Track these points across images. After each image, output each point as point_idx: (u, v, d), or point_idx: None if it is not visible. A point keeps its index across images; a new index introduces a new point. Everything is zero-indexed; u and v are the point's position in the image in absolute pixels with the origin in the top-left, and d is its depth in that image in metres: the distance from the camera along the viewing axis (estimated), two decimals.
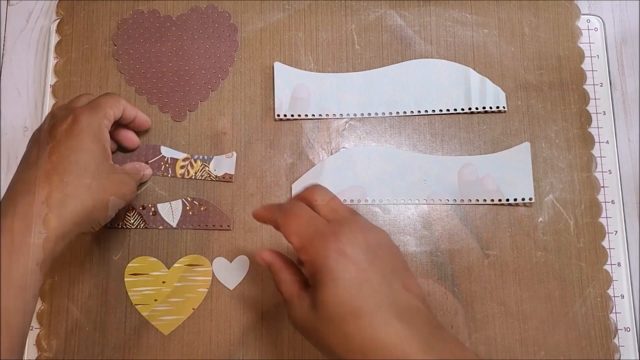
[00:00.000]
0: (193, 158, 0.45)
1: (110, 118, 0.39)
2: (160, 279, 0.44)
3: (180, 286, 0.44)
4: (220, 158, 0.46)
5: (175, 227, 0.45)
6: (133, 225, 0.44)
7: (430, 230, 0.46)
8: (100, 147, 0.37)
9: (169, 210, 0.45)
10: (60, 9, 0.50)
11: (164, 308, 0.44)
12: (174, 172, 0.45)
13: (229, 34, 0.49)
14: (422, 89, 0.48)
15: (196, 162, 0.45)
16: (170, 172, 0.45)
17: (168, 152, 0.46)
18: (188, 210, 0.44)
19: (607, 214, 0.46)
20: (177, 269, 0.44)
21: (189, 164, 0.45)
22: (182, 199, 0.44)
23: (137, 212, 0.44)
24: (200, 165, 0.45)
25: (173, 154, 0.46)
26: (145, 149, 0.46)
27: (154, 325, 0.43)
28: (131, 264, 0.44)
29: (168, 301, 0.44)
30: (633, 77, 0.49)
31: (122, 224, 0.44)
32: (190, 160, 0.45)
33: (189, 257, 0.45)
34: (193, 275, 0.44)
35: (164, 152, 0.46)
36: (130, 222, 0.44)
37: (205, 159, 0.45)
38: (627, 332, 0.44)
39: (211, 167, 0.45)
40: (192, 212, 0.45)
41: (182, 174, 0.45)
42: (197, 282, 0.44)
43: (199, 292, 0.44)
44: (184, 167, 0.45)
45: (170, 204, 0.44)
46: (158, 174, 0.45)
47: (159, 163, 0.45)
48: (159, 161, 0.45)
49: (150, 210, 0.45)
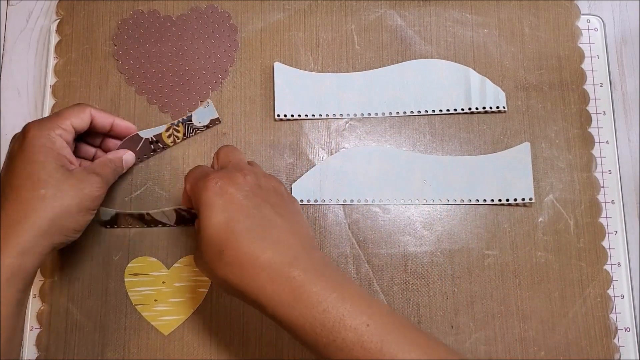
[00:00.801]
0: (174, 125, 0.46)
1: (65, 127, 0.38)
2: (160, 279, 0.44)
3: (180, 286, 0.44)
4: (198, 110, 0.46)
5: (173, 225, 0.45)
6: (130, 226, 0.45)
7: (430, 230, 0.46)
8: (49, 156, 0.37)
9: (162, 217, 0.44)
10: (60, 9, 0.50)
11: (164, 308, 0.44)
12: (164, 144, 0.46)
13: (229, 34, 0.49)
14: (422, 89, 0.48)
15: (179, 126, 0.46)
16: (160, 146, 0.46)
17: (147, 132, 0.45)
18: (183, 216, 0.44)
19: (607, 214, 0.46)
20: (177, 269, 0.44)
21: (173, 130, 0.46)
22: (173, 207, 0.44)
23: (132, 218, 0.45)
24: (184, 126, 0.46)
25: (154, 131, 0.45)
26: (128, 142, 0.44)
27: (154, 325, 0.43)
28: (131, 264, 0.44)
29: (168, 301, 0.44)
30: (633, 77, 0.49)
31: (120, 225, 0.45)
32: (172, 128, 0.46)
33: (189, 257, 0.45)
34: (193, 275, 0.44)
35: (144, 135, 0.45)
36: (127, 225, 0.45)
37: (186, 119, 0.46)
38: (627, 332, 0.44)
39: (195, 122, 0.46)
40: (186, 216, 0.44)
41: (172, 142, 0.46)
42: (197, 282, 0.44)
43: (198, 292, 0.44)
44: (170, 135, 0.46)
45: (162, 211, 0.44)
46: (153, 154, 0.46)
47: (146, 146, 0.45)
48: (145, 144, 0.45)
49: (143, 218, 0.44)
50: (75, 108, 0.40)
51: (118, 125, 0.43)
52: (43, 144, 0.37)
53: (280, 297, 0.31)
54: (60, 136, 0.38)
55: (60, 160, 0.37)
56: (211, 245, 0.32)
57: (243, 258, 0.32)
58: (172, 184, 0.46)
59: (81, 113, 0.40)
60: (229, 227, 0.32)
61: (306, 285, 0.31)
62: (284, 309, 0.31)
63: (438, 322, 0.44)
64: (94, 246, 0.45)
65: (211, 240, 0.32)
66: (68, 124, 0.39)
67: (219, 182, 0.34)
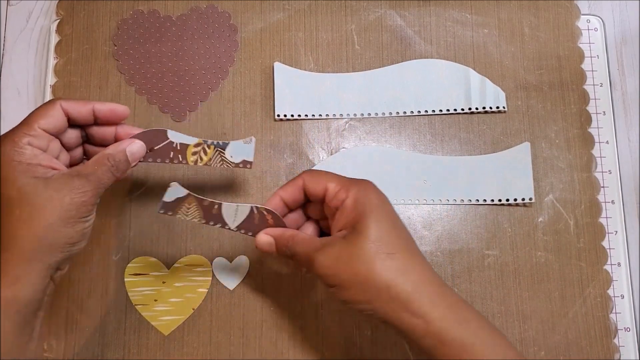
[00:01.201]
0: (206, 143, 0.40)
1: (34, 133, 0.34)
2: (160, 279, 0.44)
3: (180, 286, 0.44)
4: (237, 143, 0.41)
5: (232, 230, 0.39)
6: (188, 217, 0.39)
7: (430, 230, 0.46)
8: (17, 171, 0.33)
9: (232, 213, 0.39)
10: (60, 9, 0.50)
11: (164, 308, 0.44)
12: (184, 159, 0.40)
13: (229, 34, 0.49)
14: (422, 89, 0.48)
15: (210, 148, 0.40)
16: (180, 159, 0.40)
17: (176, 137, 0.40)
18: (254, 217, 0.39)
19: (607, 214, 0.46)
20: (177, 269, 0.44)
21: (202, 150, 0.40)
22: (252, 205, 0.39)
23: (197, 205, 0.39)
24: (214, 151, 0.40)
25: (183, 139, 0.40)
26: (149, 135, 0.39)
27: (154, 325, 0.43)
28: (131, 264, 0.44)
29: (168, 301, 0.44)
30: (633, 77, 0.49)
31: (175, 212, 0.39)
32: (203, 146, 0.40)
33: (189, 257, 0.45)
34: (193, 275, 0.44)
35: (171, 137, 0.40)
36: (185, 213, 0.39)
37: (221, 145, 0.40)
38: (627, 332, 0.44)
39: (227, 154, 0.41)
40: (257, 220, 0.39)
41: (194, 161, 0.40)
42: (197, 282, 0.44)
43: (199, 292, 0.44)
44: (196, 153, 0.40)
45: (237, 206, 0.39)
46: (166, 162, 0.40)
47: (167, 150, 0.40)
48: (167, 147, 0.40)
49: (212, 207, 0.39)
50: (42, 107, 0.35)
51: (99, 110, 0.37)
52: (10, 159, 0.33)
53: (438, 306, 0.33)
54: (29, 144, 0.33)
55: (32, 171, 0.33)
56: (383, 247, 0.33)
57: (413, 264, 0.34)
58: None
59: (49, 111, 0.35)
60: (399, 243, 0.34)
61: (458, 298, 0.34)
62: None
63: None
64: (94, 246, 0.45)
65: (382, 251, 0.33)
66: (36, 128, 0.34)
67: (379, 191, 0.36)
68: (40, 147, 0.34)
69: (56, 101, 0.35)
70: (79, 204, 0.33)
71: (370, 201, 0.34)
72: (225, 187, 0.46)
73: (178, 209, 0.39)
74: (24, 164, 0.33)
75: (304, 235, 0.37)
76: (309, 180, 0.37)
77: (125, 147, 0.37)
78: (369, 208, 0.34)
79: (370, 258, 0.33)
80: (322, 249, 0.34)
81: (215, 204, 0.39)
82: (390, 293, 0.32)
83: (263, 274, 0.45)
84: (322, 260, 0.34)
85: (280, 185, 0.46)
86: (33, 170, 0.33)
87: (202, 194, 0.46)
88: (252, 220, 0.39)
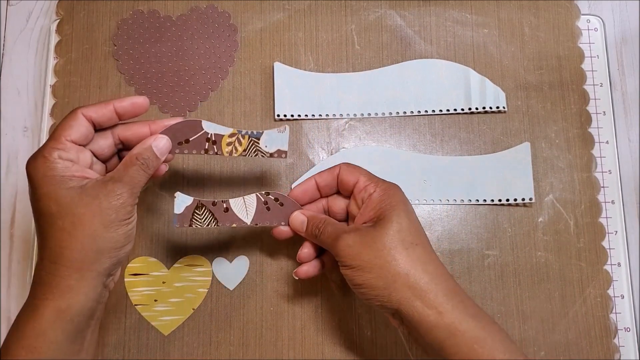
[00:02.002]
0: (241, 133, 0.40)
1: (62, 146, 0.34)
2: (160, 279, 0.44)
3: (180, 286, 0.44)
4: (271, 132, 0.40)
5: (250, 224, 0.40)
6: (204, 223, 0.40)
7: (430, 230, 0.46)
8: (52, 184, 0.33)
9: (242, 206, 0.40)
10: (60, 9, 0.50)
11: (164, 308, 0.44)
12: (220, 150, 0.40)
13: (229, 34, 0.49)
14: (422, 89, 0.48)
15: (244, 138, 0.40)
16: (215, 150, 0.40)
17: (211, 127, 0.39)
18: (264, 206, 0.40)
19: (607, 214, 0.46)
20: (177, 269, 0.44)
21: (237, 140, 0.40)
22: (256, 193, 0.40)
23: (207, 209, 0.40)
24: (248, 141, 0.40)
25: (217, 130, 0.39)
26: (184, 126, 0.39)
27: (154, 325, 0.43)
28: (131, 264, 0.44)
29: (168, 301, 0.44)
30: (633, 77, 0.49)
31: (190, 223, 0.40)
32: (237, 136, 0.40)
33: (189, 257, 0.45)
34: (193, 275, 0.44)
35: (206, 128, 0.39)
36: (199, 220, 0.40)
37: (255, 134, 0.40)
38: (627, 332, 0.44)
39: (262, 144, 0.40)
40: (268, 207, 0.40)
41: (229, 152, 0.40)
42: (197, 282, 0.44)
43: (198, 292, 0.44)
44: (230, 143, 0.40)
45: (243, 199, 0.40)
46: (202, 153, 0.39)
47: (202, 141, 0.39)
48: (201, 139, 0.39)
49: (222, 207, 0.40)
50: (65, 120, 0.36)
51: (120, 107, 0.37)
52: (43, 175, 0.34)
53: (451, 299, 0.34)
54: (60, 158, 0.34)
55: (66, 183, 0.34)
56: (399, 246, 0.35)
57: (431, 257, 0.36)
58: (172, 183, 0.46)
59: (72, 122, 0.35)
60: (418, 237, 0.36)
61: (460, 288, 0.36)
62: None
63: None
64: None
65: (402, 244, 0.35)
66: (63, 141, 0.35)
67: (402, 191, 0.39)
68: (71, 159, 0.35)
69: (77, 110, 0.36)
70: (117, 207, 0.34)
71: (398, 196, 0.37)
72: (225, 188, 0.46)
73: (192, 218, 0.39)
74: (58, 177, 0.34)
75: (334, 220, 0.40)
76: (344, 170, 0.40)
77: (151, 143, 0.37)
78: (396, 201, 0.37)
79: (394, 244, 0.35)
80: (350, 230, 0.37)
81: (223, 202, 0.40)
82: (409, 280, 0.34)
83: (263, 274, 0.45)
84: (348, 239, 0.36)
85: (280, 184, 0.46)
86: (67, 181, 0.34)
87: (201, 195, 0.46)
88: (264, 210, 0.40)
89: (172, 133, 0.38)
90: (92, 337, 0.35)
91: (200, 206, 0.40)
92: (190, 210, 0.39)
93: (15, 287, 0.45)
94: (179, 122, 0.38)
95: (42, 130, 0.47)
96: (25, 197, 0.47)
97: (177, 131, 0.38)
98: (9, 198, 0.47)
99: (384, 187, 0.38)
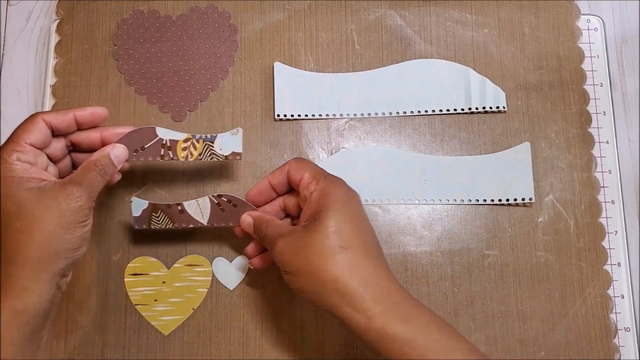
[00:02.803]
0: (195, 138, 0.41)
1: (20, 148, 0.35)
2: (160, 279, 0.44)
3: (180, 286, 0.44)
4: (224, 135, 0.42)
5: (207, 225, 0.42)
6: (162, 225, 0.42)
7: (430, 230, 0.46)
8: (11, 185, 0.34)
9: (197, 208, 0.42)
10: (60, 9, 0.50)
11: (164, 308, 0.44)
12: (175, 155, 0.41)
13: (229, 34, 0.49)
14: (422, 89, 0.48)
15: (199, 142, 0.41)
16: (170, 155, 0.41)
17: (166, 133, 0.41)
18: (218, 207, 0.42)
19: (607, 214, 0.46)
20: (177, 269, 0.44)
21: (191, 145, 0.41)
22: (208, 196, 0.42)
23: (162, 211, 0.42)
24: (203, 145, 0.41)
25: (172, 135, 0.41)
26: (139, 134, 0.40)
27: (154, 325, 0.43)
28: (131, 264, 0.44)
29: (168, 301, 0.44)
30: (633, 77, 0.49)
31: (149, 224, 0.42)
32: (192, 141, 0.41)
33: (189, 257, 0.45)
34: (193, 275, 0.44)
35: (160, 134, 0.41)
36: (157, 222, 0.42)
37: (209, 138, 0.41)
38: (627, 332, 0.44)
39: (216, 147, 0.42)
40: (222, 208, 0.42)
41: (184, 157, 0.41)
42: (197, 282, 0.44)
43: (199, 292, 0.44)
44: (185, 148, 0.41)
45: (197, 202, 0.42)
46: (158, 159, 0.41)
47: (157, 147, 0.41)
48: (157, 145, 0.41)
49: (176, 209, 0.42)
50: (25, 124, 0.36)
51: (80, 116, 0.38)
52: (2, 176, 0.34)
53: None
54: (18, 160, 0.35)
55: (25, 184, 0.34)
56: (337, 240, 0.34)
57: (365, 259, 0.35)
58: (172, 183, 0.46)
59: (31, 125, 0.36)
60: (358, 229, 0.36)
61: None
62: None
63: None
64: (93, 246, 0.45)
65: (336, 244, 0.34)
66: (22, 143, 0.35)
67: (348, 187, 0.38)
68: (29, 162, 0.35)
69: (37, 115, 0.37)
70: (76, 209, 0.35)
71: (335, 196, 0.36)
72: (225, 188, 0.46)
73: (150, 220, 0.42)
74: (17, 178, 0.34)
75: (279, 222, 0.39)
76: (293, 167, 0.39)
77: (109, 151, 0.38)
78: (331, 201, 0.36)
79: (323, 249, 0.34)
80: (285, 235, 0.36)
81: (178, 205, 0.41)
82: (337, 286, 0.33)
83: (263, 274, 0.45)
84: (281, 245, 0.36)
85: None
86: (26, 183, 0.34)
87: (202, 194, 0.46)
88: (219, 211, 0.41)
89: (128, 141, 0.40)
90: (48, 337, 0.36)
91: (157, 209, 0.42)
92: (148, 212, 0.42)
93: None
94: (134, 130, 0.40)
95: None
96: None
97: (133, 139, 0.40)
98: None
99: (323, 185, 0.37)
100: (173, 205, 0.42)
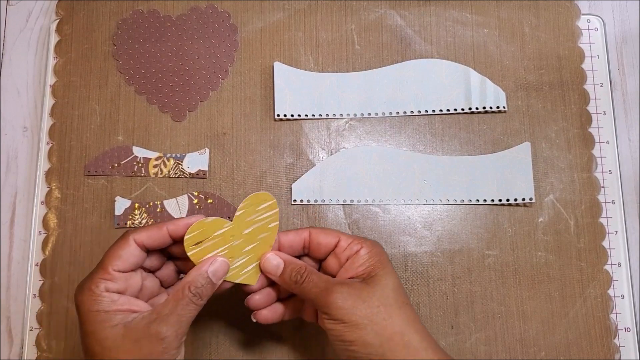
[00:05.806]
0: (166, 157, 0.46)
1: (109, 277, 0.33)
2: (228, 235, 0.37)
3: (250, 231, 0.38)
4: (192, 155, 0.46)
5: None
6: (140, 223, 0.45)
7: (430, 230, 0.45)
8: (96, 323, 0.33)
9: (175, 206, 0.45)
10: (60, 9, 0.50)
11: (242, 260, 0.37)
12: (147, 172, 0.46)
13: (229, 34, 0.49)
14: (422, 89, 0.48)
15: (169, 161, 0.46)
16: (143, 172, 0.46)
17: (140, 152, 0.46)
18: (195, 204, 0.45)
19: (607, 214, 0.46)
20: (241, 216, 0.38)
21: (162, 163, 0.46)
22: (187, 193, 0.45)
23: (144, 209, 0.45)
24: (173, 163, 0.46)
25: (145, 154, 0.46)
26: (117, 151, 0.46)
27: (239, 282, 0.37)
28: (187, 235, 0.36)
29: (243, 252, 0.37)
30: (633, 77, 0.49)
31: (130, 223, 0.45)
32: (163, 159, 0.46)
33: (250, 197, 0.38)
34: (259, 214, 0.38)
35: (136, 152, 0.46)
36: (136, 219, 0.45)
37: (178, 157, 0.46)
38: (627, 332, 0.44)
39: (184, 165, 0.46)
40: (199, 205, 0.45)
41: (155, 173, 0.46)
42: (267, 218, 0.38)
43: (271, 228, 0.38)
44: (156, 166, 0.46)
45: (176, 200, 0.45)
46: (131, 175, 0.45)
47: (132, 163, 0.46)
48: (132, 161, 0.46)
49: (156, 207, 0.45)
50: (115, 247, 0.34)
51: (174, 231, 0.35)
52: (88, 310, 0.33)
53: None
54: (106, 290, 0.33)
55: (111, 320, 0.32)
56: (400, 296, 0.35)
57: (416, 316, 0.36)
58: (172, 183, 0.46)
59: (121, 250, 0.34)
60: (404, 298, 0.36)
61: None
62: None
63: (438, 323, 0.44)
64: (93, 246, 0.45)
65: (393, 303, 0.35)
66: (111, 271, 0.33)
67: None
68: (119, 290, 0.34)
69: (128, 237, 0.34)
70: (160, 352, 0.32)
71: (384, 255, 0.37)
72: (225, 189, 0.46)
73: (129, 218, 0.45)
74: (102, 312, 0.32)
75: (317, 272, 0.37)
76: (318, 233, 0.38)
77: (206, 269, 0.35)
78: (384, 260, 0.37)
79: (390, 302, 0.35)
80: (345, 284, 0.35)
81: (157, 203, 0.44)
82: (404, 340, 0.34)
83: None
84: (343, 294, 0.34)
85: (280, 184, 0.46)
86: (111, 318, 0.32)
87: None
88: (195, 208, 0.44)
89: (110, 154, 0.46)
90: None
91: (138, 207, 0.45)
92: (129, 211, 0.45)
93: (15, 287, 0.45)
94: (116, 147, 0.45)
95: (41, 130, 0.47)
96: (25, 197, 0.47)
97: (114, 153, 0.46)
98: (9, 198, 0.47)
99: (370, 244, 0.37)
100: (154, 203, 0.45)
